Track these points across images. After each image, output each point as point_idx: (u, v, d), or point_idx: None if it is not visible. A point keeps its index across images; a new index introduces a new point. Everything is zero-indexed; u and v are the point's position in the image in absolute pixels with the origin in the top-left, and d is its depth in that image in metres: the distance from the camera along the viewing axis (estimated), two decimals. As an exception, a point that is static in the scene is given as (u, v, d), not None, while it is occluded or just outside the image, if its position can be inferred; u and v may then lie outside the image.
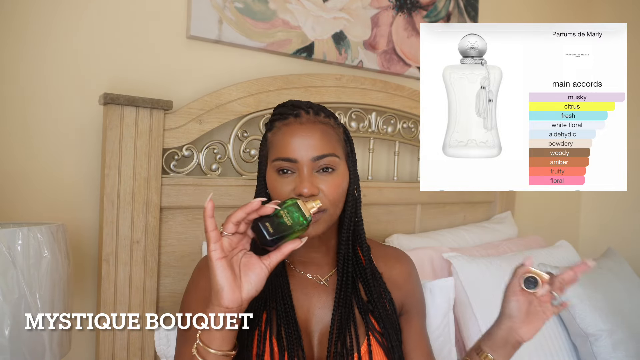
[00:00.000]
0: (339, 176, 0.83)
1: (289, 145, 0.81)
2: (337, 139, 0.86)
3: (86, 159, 1.14)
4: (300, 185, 0.79)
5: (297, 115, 0.85)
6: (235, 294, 0.66)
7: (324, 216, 0.81)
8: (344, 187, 0.84)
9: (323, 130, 0.84)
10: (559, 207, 2.41)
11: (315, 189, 0.79)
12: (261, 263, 0.68)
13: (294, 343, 0.80)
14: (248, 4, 1.32)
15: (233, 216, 0.66)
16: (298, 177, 0.81)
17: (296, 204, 0.69)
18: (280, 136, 0.84)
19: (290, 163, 0.81)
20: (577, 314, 1.32)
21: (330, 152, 0.83)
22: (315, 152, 0.81)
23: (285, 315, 0.82)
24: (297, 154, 0.81)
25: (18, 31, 1.07)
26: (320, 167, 0.82)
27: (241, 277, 0.67)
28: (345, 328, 0.83)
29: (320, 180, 0.81)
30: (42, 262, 0.82)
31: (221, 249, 0.66)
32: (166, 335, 1.00)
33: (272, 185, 0.83)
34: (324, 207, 0.80)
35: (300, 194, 0.79)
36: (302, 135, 0.82)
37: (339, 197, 0.83)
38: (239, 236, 0.68)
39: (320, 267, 0.90)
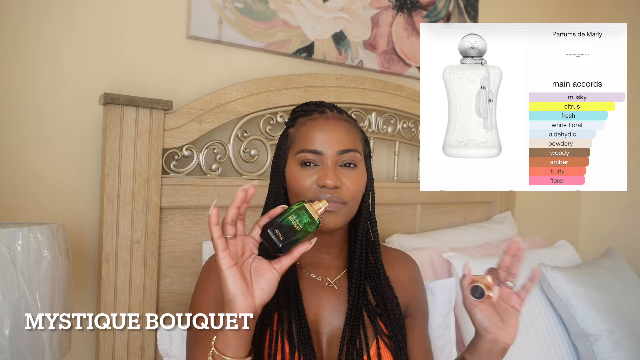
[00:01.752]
0: (360, 173, 0.85)
1: (315, 137, 0.83)
2: (358, 137, 0.88)
3: (86, 159, 1.14)
4: (324, 177, 0.80)
5: (322, 112, 0.87)
6: (248, 301, 0.65)
7: (343, 209, 0.82)
8: (363, 184, 0.86)
9: (347, 127, 0.86)
10: (559, 207, 2.41)
11: (339, 182, 0.80)
12: (272, 267, 0.68)
13: (305, 342, 0.80)
14: (248, 4, 1.32)
15: (226, 217, 0.66)
16: (322, 169, 0.82)
17: (304, 207, 0.69)
18: (304, 129, 0.85)
19: (315, 155, 0.82)
20: (577, 314, 1.32)
21: (354, 147, 0.84)
22: (341, 145, 0.83)
23: (297, 315, 0.82)
24: (322, 146, 0.82)
25: (18, 31, 1.07)
26: (343, 161, 0.83)
27: (252, 283, 0.66)
28: (356, 330, 0.83)
29: (343, 174, 0.82)
30: (42, 262, 0.82)
31: (230, 257, 0.65)
32: (169, 334, 1.00)
33: (293, 178, 0.84)
34: (345, 199, 0.81)
35: (324, 186, 0.80)
36: (329, 129, 0.83)
37: (358, 193, 0.84)
38: (242, 239, 0.68)
39: (329, 269, 0.90)
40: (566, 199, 2.44)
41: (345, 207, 0.82)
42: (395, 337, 0.85)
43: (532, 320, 1.33)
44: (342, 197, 0.81)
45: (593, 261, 1.59)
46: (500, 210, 1.94)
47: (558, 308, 1.37)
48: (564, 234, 2.22)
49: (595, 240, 2.38)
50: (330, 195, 0.80)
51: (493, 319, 0.76)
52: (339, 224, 0.82)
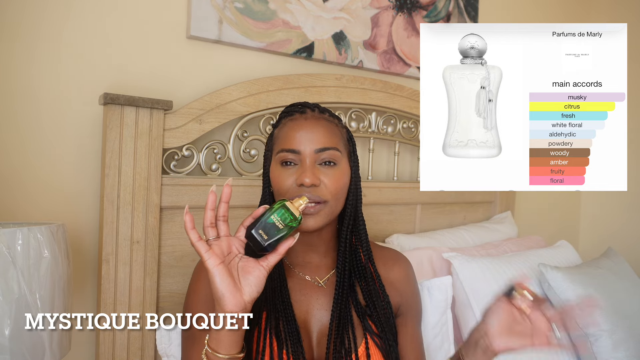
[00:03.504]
0: (340, 170, 0.85)
1: (293, 137, 0.84)
2: (339, 136, 0.88)
3: (86, 159, 1.14)
4: (302, 175, 0.81)
5: (303, 112, 0.88)
6: (236, 298, 0.66)
7: (324, 208, 0.82)
8: (344, 182, 0.86)
9: (326, 125, 0.86)
10: (559, 207, 2.41)
11: (316, 180, 0.81)
12: (259, 265, 0.69)
13: (293, 340, 0.80)
14: (248, 4, 1.32)
15: (204, 220, 0.68)
16: (300, 167, 0.83)
17: (284, 205, 0.70)
18: (285, 130, 0.86)
19: (293, 154, 0.83)
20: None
21: (333, 145, 0.85)
22: (318, 144, 0.83)
23: (285, 313, 0.83)
24: (300, 145, 0.83)
25: (17, 31, 1.07)
26: (322, 160, 0.83)
27: (240, 281, 0.68)
28: (343, 329, 0.83)
29: (322, 172, 0.83)
30: (42, 262, 0.82)
31: (215, 256, 0.66)
32: (167, 334, 1.01)
33: (275, 177, 0.85)
34: (325, 199, 0.82)
35: (302, 184, 0.80)
36: (306, 129, 0.84)
37: (339, 191, 0.84)
38: (227, 239, 0.69)
39: (319, 268, 0.91)
40: (566, 199, 2.44)
41: (326, 207, 0.82)
42: (385, 336, 0.85)
43: (532, 320, 1.33)
44: (322, 196, 0.81)
45: (593, 261, 1.59)
46: (500, 210, 1.94)
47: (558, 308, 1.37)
48: (564, 234, 2.23)
49: (595, 240, 2.38)
50: (310, 194, 0.80)
51: (500, 320, 0.75)
52: (320, 224, 0.83)
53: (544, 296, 0.73)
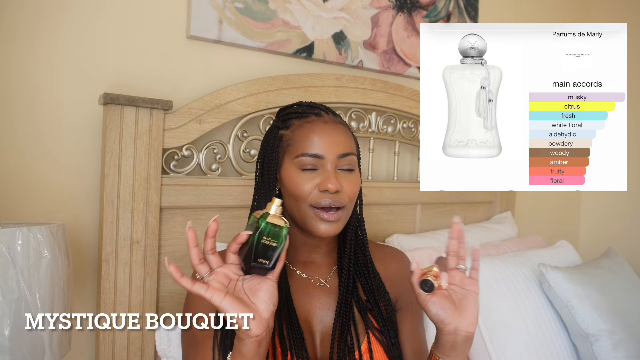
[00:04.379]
0: (357, 176, 0.87)
1: (314, 141, 0.83)
2: (353, 140, 0.89)
3: (86, 159, 1.14)
4: (326, 181, 0.81)
5: (319, 114, 0.87)
6: (257, 320, 0.64)
7: (343, 214, 0.83)
8: (359, 187, 0.87)
9: (344, 130, 0.87)
10: (559, 207, 2.40)
11: (340, 185, 0.81)
12: (265, 279, 0.67)
13: (297, 342, 0.80)
14: (248, 4, 1.32)
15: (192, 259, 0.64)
16: (323, 173, 0.82)
17: (268, 223, 0.66)
18: (302, 132, 0.85)
19: (315, 159, 0.83)
20: (577, 314, 1.32)
21: (352, 151, 0.86)
22: (341, 149, 0.84)
23: (288, 315, 0.83)
24: (323, 150, 0.83)
25: (17, 31, 1.07)
26: (342, 165, 0.84)
27: (253, 301, 0.66)
28: (346, 327, 0.83)
29: (342, 178, 0.83)
30: (42, 262, 0.82)
31: (217, 291, 0.63)
32: (167, 334, 1.01)
33: (292, 181, 0.84)
34: (344, 203, 0.83)
35: (325, 190, 0.81)
36: (328, 132, 0.84)
37: (355, 196, 0.86)
38: (222, 269, 0.66)
39: (320, 267, 0.91)
40: (566, 199, 2.44)
41: (344, 212, 0.84)
42: (387, 332, 0.86)
43: (532, 320, 1.33)
44: (342, 201, 0.82)
45: (593, 261, 1.59)
46: (500, 210, 1.94)
47: (558, 308, 1.37)
48: (564, 234, 2.22)
49: (595, 240, 2.38)
50: (331, 201, 0.81)
51: (448, 309, 0.72)
52: (339, 230, 0.84)
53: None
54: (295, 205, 0.84)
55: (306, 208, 0.83)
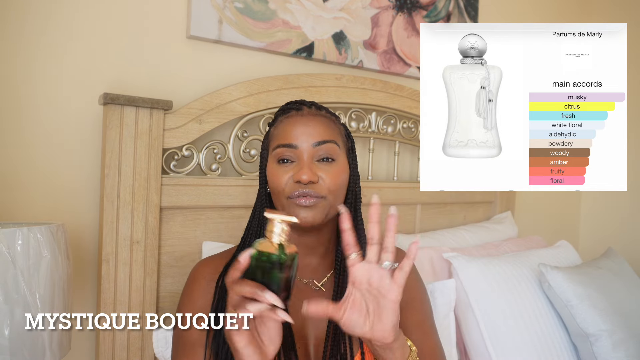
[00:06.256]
0: (339, 167, 0.83)
1: (290, 133, 0.82)
2: (337, 131, 0.87)
3: (86, 159, 1.14)
4: (299, 172, 0.79)
5: (299, 109, 0.87)
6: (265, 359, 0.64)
7: (322, 202, 0.80)
8: (343, 178, 0.84)
9: (323, 120, 0.85)
10: (559, 207, 2.40)
11: (314, 176, 0.79)
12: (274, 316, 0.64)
13: (288, 348, 0.78)
14: (248, 4, 1.32)
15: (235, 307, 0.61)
16: (298, 164, 0.81)
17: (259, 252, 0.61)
18: (281, 127, 0.85)
19: (290, 150, 0.81)
20: (577, 313, 1.32)
21: (331, 139, 0.83)
22: (316, 138, 0.82)
23: None
24: (297, 140, 0.81)
25: (17, 31, 1.07)
26: (320, 156, 0.82)
27: (263, 340, 0.64)
28: (340, 334, 0.81)
29: (320, 168, 0.81)
30: (41, 262, 0.82)
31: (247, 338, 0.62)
32: (164, 336, 1.01)
33: (271, 175, 0.83)
34: (323, 194, 0.80)
35: (299, 181, 0.79)
36: (304, 123, 0.83)
37: (338, 188, 0.83)
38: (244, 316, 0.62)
39: (316, 271, 0.89)
40: (566, 199, 2.44)
41: (324, 202, 0.80)
42: None
43: (532, 320, 1.33)
44: (319, 192, 0.80)
45: (593, 261, 1.59)
46: (500, 210, 1.94)
47: (558, 308, 1.37)
48: (564, 234, 2.22)
49: (595, 240, 2.38)
50: (306, 191, 0.79)
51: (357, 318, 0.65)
52: (317, 219, 0.80)
53: None
54: (277, 199, 0.83)
55: (284, 201, 0.81)
